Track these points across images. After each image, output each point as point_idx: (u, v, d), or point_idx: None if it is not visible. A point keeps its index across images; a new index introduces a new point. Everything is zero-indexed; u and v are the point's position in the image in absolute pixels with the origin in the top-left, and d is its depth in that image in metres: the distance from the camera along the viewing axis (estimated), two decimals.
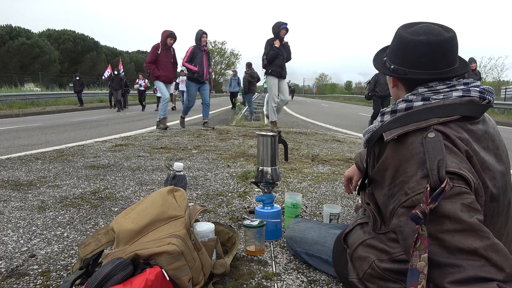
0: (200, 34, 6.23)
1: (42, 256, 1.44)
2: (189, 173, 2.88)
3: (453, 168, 0.83)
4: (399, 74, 1.02)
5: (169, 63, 6.23)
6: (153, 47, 6.12)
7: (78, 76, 16.56)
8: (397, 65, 1.02)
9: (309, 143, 4.72)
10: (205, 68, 6.29)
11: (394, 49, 1.04)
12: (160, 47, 6.08)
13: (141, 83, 15.27)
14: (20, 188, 2.41)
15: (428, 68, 0.97)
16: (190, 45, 6.35)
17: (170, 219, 1.17)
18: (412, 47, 0.98)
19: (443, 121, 0.90)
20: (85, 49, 38.56)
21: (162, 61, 6.10)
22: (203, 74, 6.25)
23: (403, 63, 1.00)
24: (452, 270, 0.79)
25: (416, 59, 0.98)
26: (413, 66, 0.98)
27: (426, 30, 0.97)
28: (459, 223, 0.80)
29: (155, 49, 6.08)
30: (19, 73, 27.55)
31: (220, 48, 58.40)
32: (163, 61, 6.11)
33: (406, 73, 1.00)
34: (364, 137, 1.08)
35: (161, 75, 6.13)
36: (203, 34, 6.25)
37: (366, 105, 25.93)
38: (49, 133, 6.74)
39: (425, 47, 0.96)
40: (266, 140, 1.67)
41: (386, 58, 1.07)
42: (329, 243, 1.27)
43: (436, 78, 0.97)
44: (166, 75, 6.20)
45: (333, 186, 2.60)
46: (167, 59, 6.16)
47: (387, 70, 1.05)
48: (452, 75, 0.97)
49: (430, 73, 0.97)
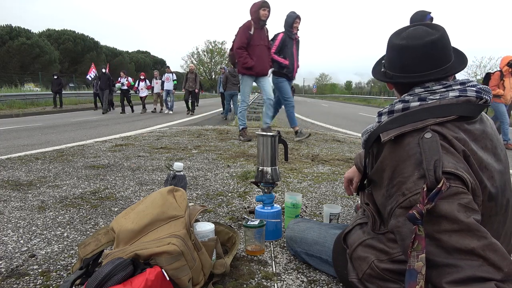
0: (293, 19, 4.67)
1: (42, 256, 1.44)
2: (189, 173, 2.88)
3: (449, 168, 0.83)
4: (387, 78, 1.06)
5: (264, 48, 4.46)
6: (243, 26, 4.36)
7: (56, 75, 15.06)
8: (386, 69, 1.06)
9: (309, 143, 4.72)
10: (296, 61, 4.83)
11: (386, 53, 1.08)
12: (252, 25, 4.31)
13: (123, 82, 13.42)
14: (20, 188, 2.42)
15: (413, 71, 0.99)
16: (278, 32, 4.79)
17: (170, 219, 1.18)
18: (396, 51, 1.01)
19: (439, 122, 0.90)
20: (85, 49, 38.59)
21: (256, 46, 4.37)
22: (293, 69, 4.81)
23: (389, 67, 1.05)
24: (450, 270, 0.79)
25: (400, 64, 1.01)
26: (398, 70, 1.02)
27: (409, 34, 1.00)
28: (456, 223, 0.80)
29: (246, 28, 4.33)
30: (19, 73, 27.56)
31: (220, 48, 58.44)
32: (257, 45, 4.38)
33: (392, 77, 1.03)
34: (362, 138, 1.09)
35: (254, 65, 4.39)
36: (296, 18, 4.68)
37: (366, 105, 25.94)
38: (49, 133, 6.74)
39: (406, 51, 0.99)
40: (266, 140, 1.67)
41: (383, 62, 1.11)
42: (329, 243, 1.27)
43: (425, 80, 0.98)
44: (261, 65, 4.45)
45: (333, 186, 2.60)
46: (262, 41, 4.42)
47: (378, 73, 1.10)
48: (442, 75, 0.97)
49: (414, 77, 0.99)
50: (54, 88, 14.82)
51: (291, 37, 4.72)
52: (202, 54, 59.06)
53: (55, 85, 14.80)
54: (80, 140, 5.12)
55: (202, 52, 59.11)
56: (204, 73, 57.58)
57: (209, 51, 58.73)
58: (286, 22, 4.70)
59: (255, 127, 6.86)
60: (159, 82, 13.26)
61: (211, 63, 58.51)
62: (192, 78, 12.07)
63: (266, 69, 4.53)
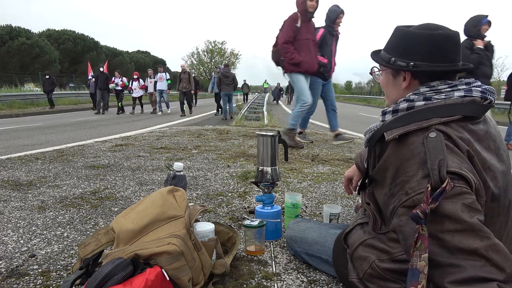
0: (337, 14, 4.22)
1: (42, 256, 1.43)
2: (189, 173, 2.88)
3: (454, 168, 0.83)
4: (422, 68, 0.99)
5: (312, 43, 3.98)
6: (289, 19, 3.91)
7: (48, 74, 14.27)
8: (417, 61, 0.99)
9: (309, 143, 4.72)
10: (333, 60, 4.40)
11: (408, 47, 1.01)
12: (299, 18, 3.88)
13: (117, 82, 12.98)
14: (20, 188, 2.41)
15: (452, 60, 0.98)
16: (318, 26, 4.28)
17: (170, 219, 1.17)
18: (437, 41, 0.97)
19: (444, 121, 0.90)
20: (85, 49, 38.56)
21: (303, 40, 3.90)
22: (330, 68, 4.38)
23: (424, 58, 0.98)
24: (453, 270, 0.79)
25: (442, 53, 0.98)
26: (438, 59, 0.98)
27: (436, 25, 0.99)
28: (459, 223, 0.80)
29: (292, 21, 3.88)
30: (19, 73, 27.54)
31: (220, 48, 58.44)
32: (305, 39, 3.91)
33: (429, 67, 0.99)
34: (365, 137, 1.08)
35: (302, 61, 3.88)
36: (340, 13, 4.23)
37: (366, 105, 25.95)
38: (49, 133, 6.74)
39: (448, 40, 0.97)
40: (266, 140, 1.66)
41: (395, 59, 1.03)
42: (329, 243, 1.27)
43: (459, 69, 0.99)
44: (309, 61, 3.94)
45: (333, 186, 2.60)
46: (310, 35, 3.97)
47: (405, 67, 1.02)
48: (464, 67, 1.00)
49: (451, 66, 0.98)
50: (46, 88, 14.27)
51: (332, 34, 4.32)
52: (202, 54, 59.08)
53: (47, 85, 14.22)
54: (80, 140, 5.12)
55: (202, 52, 59.10)
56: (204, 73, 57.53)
57: (209, 51, 58.70)
58: (328, 17, 4.29)
59: (255, 127, 6.86)
60: (153, 81, 12.77)
61: (211, 63, 58.49)
62: (185, 78, 11.48)
63: (314, 66, 4.02)
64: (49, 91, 14.23)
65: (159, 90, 12.33)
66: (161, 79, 12.30)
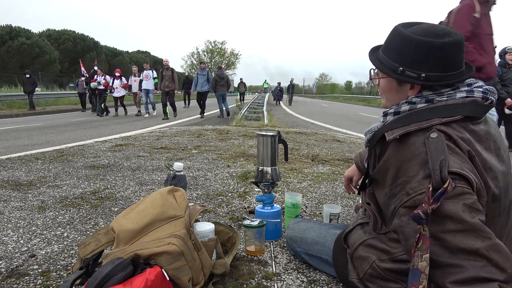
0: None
1: (42, 256, 1.43)
2: (189, 173, 2.88)
3: (455, 168, 0.83)
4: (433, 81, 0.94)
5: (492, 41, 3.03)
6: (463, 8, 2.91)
7: (29, 73, 12.65)
8: (428, 72, 0.93)
9: (309, 143, 4.72)
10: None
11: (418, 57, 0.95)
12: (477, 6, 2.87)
13: (100, 80, 11.15)
14: (20, 188, 2.41)
15: (460, 66, 0.95)
16: None
17: (170, 219, 1.17)
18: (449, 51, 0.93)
19: (445, 121, 0.90)
20: (85, 49, 38.53)
21: (485, 35, 2.95)
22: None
23: (435, 69, 0.93)
24: (454, 270, 0.79)
25: (452, 61, 0.94)
26: (449, 68, 0.94)
27: (442, 30, 0.94)
28: (460, 223, 0.80)
29: (470, 10, 2.88)
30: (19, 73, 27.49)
31: (220, 48, 58.41)
32: (487, 35, 2.97)
33: (441, 78, 0.94)
34: (366, 137, 1.08)
35: (486, 65, 2.91)
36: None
37: (366, 105, 25.95)
38: (49, 133, 6.74)
39: (457, 47, 0.94)
40: (266, 140, 1.66)
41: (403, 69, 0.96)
42: (329, 243, 1.26)
43: (467, 77, 0.96)
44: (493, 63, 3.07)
45: (333, 186, 2.59)
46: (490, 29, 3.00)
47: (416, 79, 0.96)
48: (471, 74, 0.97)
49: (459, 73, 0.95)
50: (27, 88, 12.63)
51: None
52: (202, 54, 59.03)
53: (28, 85, 12.60)
54: (80, 140, 5.12)
55: (202, 52, 59.05)
56: None
57: (209, 51, 58.66)
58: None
59: (255, 127, 6.86)
60: (137, 80, 11.16)
61: (211, 63, 58.46)
62: (168, 76, 9.78)
63: (494, 71, 3.16)
64: (30, 91, 12.72)
65: (144, 89, 10.60)
66: (148, 77, 10.53)
